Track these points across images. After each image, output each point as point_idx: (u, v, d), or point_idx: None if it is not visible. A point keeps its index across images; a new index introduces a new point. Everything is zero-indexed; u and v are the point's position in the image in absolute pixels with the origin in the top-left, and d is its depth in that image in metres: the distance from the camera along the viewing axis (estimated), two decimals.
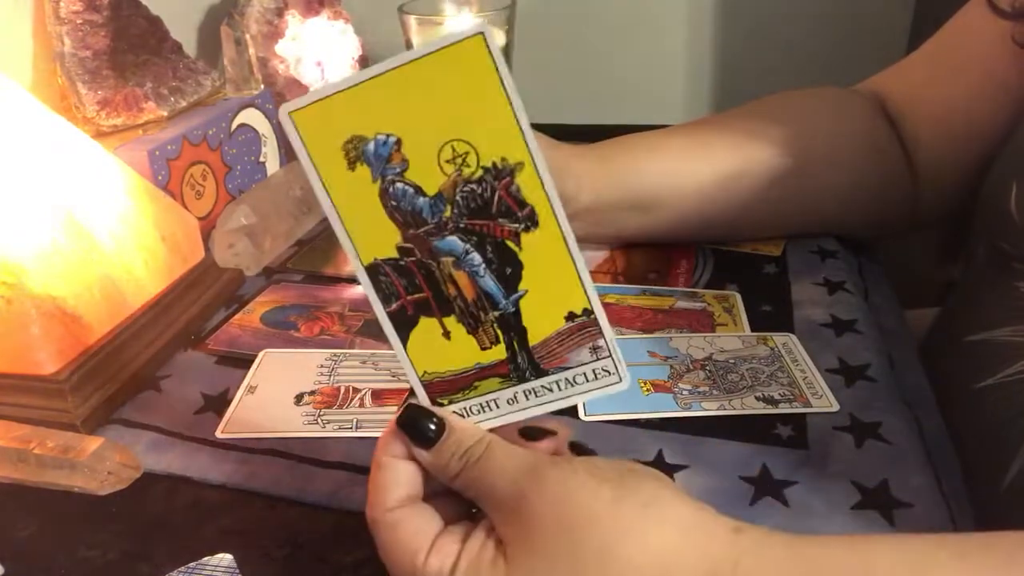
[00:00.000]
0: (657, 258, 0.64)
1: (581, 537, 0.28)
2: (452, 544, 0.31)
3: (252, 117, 0.74)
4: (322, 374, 0.51)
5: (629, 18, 1.00)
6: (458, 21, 0.77)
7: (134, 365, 0.52)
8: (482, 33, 0.29)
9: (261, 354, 0.53)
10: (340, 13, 0.82)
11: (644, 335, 0.54)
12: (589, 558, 0.28)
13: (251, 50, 0.74)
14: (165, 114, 0.68)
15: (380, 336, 0.33)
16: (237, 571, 0.38)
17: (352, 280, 0.63)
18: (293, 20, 0.78)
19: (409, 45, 0.79)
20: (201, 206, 0.68)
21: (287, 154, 0.80)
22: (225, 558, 0.39)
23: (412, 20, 0.77)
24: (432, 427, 0.33)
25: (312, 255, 0.68)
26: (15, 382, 0.48)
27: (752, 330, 0.55)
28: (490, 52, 0.29)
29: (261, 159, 0.75)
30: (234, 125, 0.71)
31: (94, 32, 0.65)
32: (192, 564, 0.39)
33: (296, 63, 0.79)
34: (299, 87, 0.79)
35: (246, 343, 0.56)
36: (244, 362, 0.53)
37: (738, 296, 0.58)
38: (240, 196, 0.69)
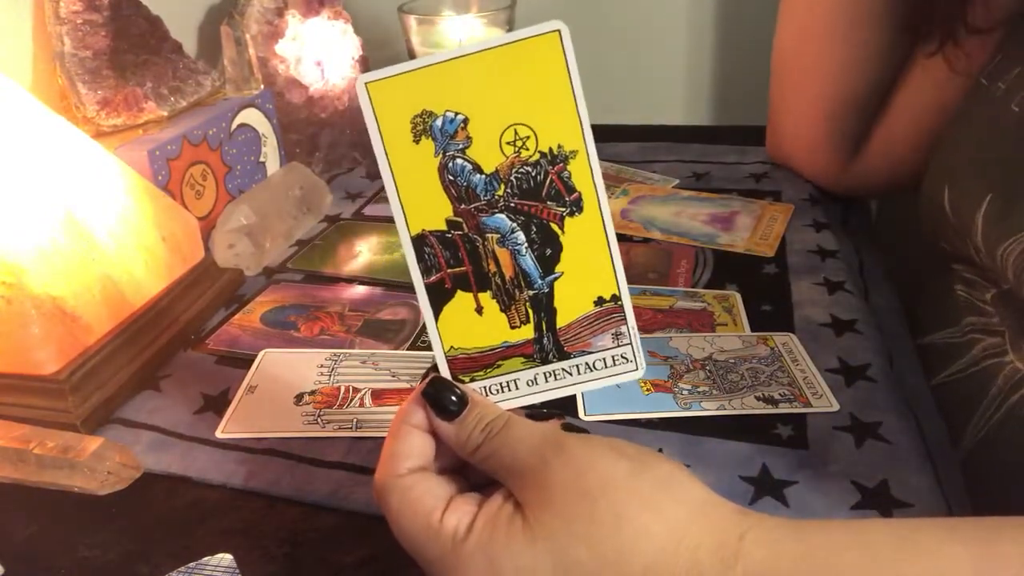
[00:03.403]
0: (657, 258, 0.65)
1: (599, 503, 0.29)
2: (468, 504, 0.32)
3: (252, 117, 0.73)
4: (322, 374, 0.51)
5: (629, 18, 1.00)
6: (457, 22, 0.77)
7: (134, 365, 0.52)
8: (559, 30, 0.32)
9: (261, 354, 0.53)
10: (340, 13, 0.82)
11: (644, 335, 0.54)
12: (606, 522, 0.29)
13: (251, 50, 0.74)
14: (165, 114, 0.68)
15: (380, 336, 0.34)
16: (237, 571, 0.38)
17: (352, 280, 0.63)
18: (293, 20, 0.78)
19: (409, 45, 0.79)
20: (201, 206, 0.68)
21: (287, 154, 0.80)
22: (225, 558, 0.39)
23: (412, 20, 0.77)
24: (454, 400, 0.34)
25: (312, 255, 0.68)
26: (15, 382, 0.48)
27: (752, 330, 0.55)
28: (563, 48, 0.32)
29: (261, 159, 0.75)
30: (234, 125, 0.71)
31: (94, 32, 0.64)
32: (192, 564, 0.39)
33: (296, 63, 0.78)
34: (299, 87, 0.79)
35: (246, 343, 0.56)
36: (244, 362, 0.53)
37: (738, 296, 0.58)
38: (240, 196, 0.69)
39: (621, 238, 0.68)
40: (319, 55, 0.80)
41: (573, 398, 0.48)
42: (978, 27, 0.59)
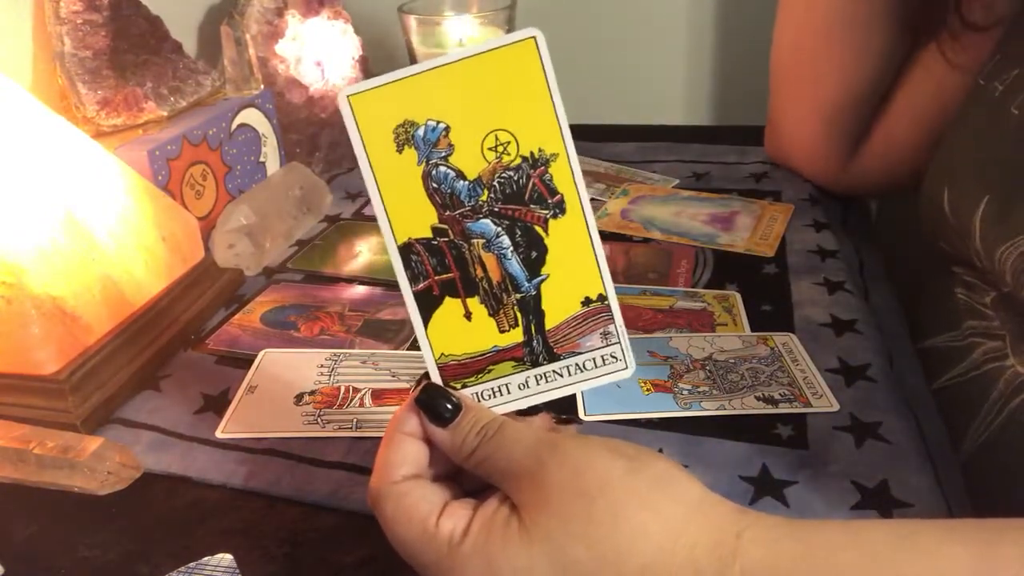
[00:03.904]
0: (657, 258, 0.65)
1: (595, 502, 0.29)
2: (464, 509, 0.32)
3: (252, 117, 0.73)
4: (322, 374, 0.51)
5: (629, 18, 1.00)
6: (457, 22, 0.77)
7: (134, 365, 0.52)
8: (534, 37, 0.32)
9: (261, 354, 0.53)
10: (340, 13, 0.82)
11: (644, 335, 0.54)
12: (602, 521, 0.29)
13: (251, 50, 0.74)
14: (165, 114, 0.68)
15: (380, 336, 0.34)
16: (237, 571, 0.38)
17: (352, 280, 0.63)
18: (293, 20, 0.78)
19: (409, 45, 0.79)
20: (201, 206, 0.68)
21: (287, 154, 0.80)
22: (225, 558, 0.39)
23: (412, 20, 0.77)
24: (449, 407, 0.34)
25: (312, 255, 0.68)
26: (15, 382, 0.48)
27: (752, 330, 0.55)
28: (539, 54, 0.32)
29: (261, 159, 0.75)
30: (234, 125, 0.71)
31: (94, 32, 0.64)
32: (192, 564, 0.39)
33: (296, 63, 0.78)
34: (299, 87, 0.79)
35: (246, 343, 0.56)
36: (244, 362, 0.53)
37: (738, 296, 0.58)
38: (240, 196, 0.69)
39: (621, 238, 0.68)
40: (319, 55, 0.80)
41: (573, 398, 0.48)
42: (976, 24, 0.59)
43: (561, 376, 0.36)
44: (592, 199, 0.75)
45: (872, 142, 0.70)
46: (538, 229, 0.34)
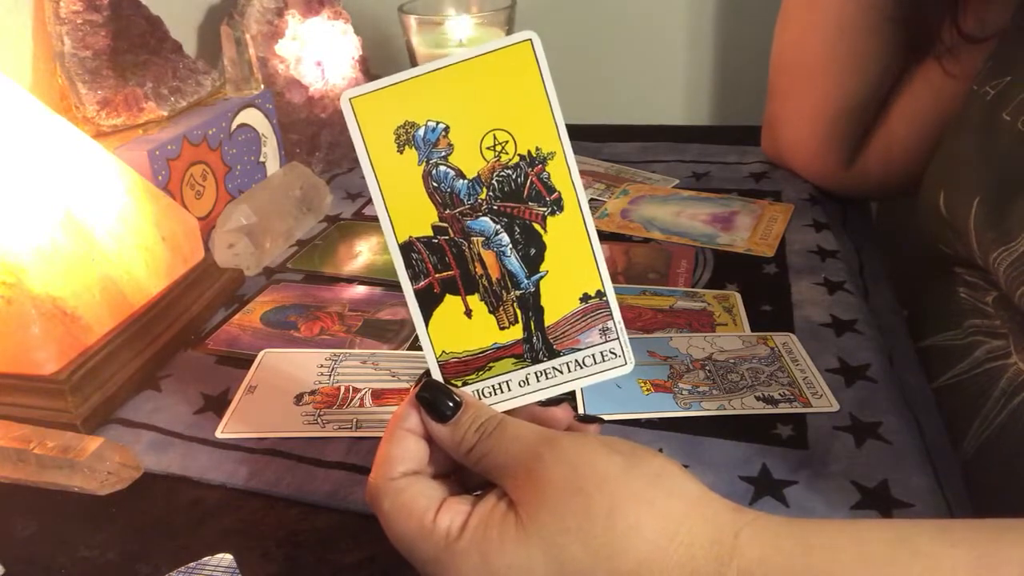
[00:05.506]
0: (657, 258, 0.65)
1: (592, 498, 0.29)
2: (462, 504, 0.32)
3: (252, 117, 0.73)
4: (322, 374, 0.51)
5: (629, 18, 1.00)
6: (457, 22, 0.77)
7: (134, 365, 0.52)
8: (531, 39, 0.33)
9: (261, 354, 0.53)
10: (340, 13, 0.82)
11: (644, 335, 0.54)
12: (598, 518, 0.29)
13: (251, 50, 0.74)
14: (165, 114, 0.68)
15: (380, 336, 0.34)
16: (237, 571, 0.38)
17: (352, 280, 0.63)
18: (293, 20, 0.78)
19: (409, 45, 0.79)
20: (201, 206, 0.68)
21: (287, 154, 0.80)
22: (225, 558, 0.39)
23: (412, 20, 0.77)
24: (450, 404, 0.34)
25: (312, 255, 0.68)
26: (15, 382, 0.48)
27: (752, 330, 0.55)
28: (536, 55, 0.33)
29: (261, 159, 0.75)
30: (234, 125, 0.71)
31: (94, 32, 0.64)
32: (192, 564, 0.39)
33: (296, 63, 0.78)
34: (299, 87, 0.79)
35: (246, 343, 0.56)
36: (244, 362, 0.53)
37: (738, 296, 0.58)
38: (240, 196, 0.69)
39: (621, 238, 0.68)
40: (319, 55, 0.80)
41: (573, 398, 0.48)
42: (972, 36, 0.59)
43: (561, 372, 0.36)
44: (592, 199, 0.75)
45: (872, 146, 0.70)
46: (536, 226, 0.35)
